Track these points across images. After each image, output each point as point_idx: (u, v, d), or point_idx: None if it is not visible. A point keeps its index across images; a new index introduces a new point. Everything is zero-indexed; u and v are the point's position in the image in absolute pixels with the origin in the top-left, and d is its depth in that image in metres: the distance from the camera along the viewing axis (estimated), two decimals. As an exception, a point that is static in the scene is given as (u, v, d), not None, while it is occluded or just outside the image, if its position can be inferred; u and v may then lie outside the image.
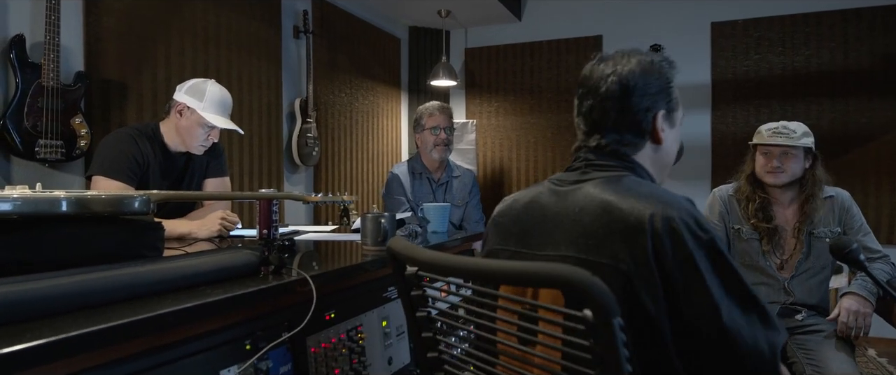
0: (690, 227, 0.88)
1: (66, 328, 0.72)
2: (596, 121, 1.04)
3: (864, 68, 3.54)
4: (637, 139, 1.04)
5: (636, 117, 1.02)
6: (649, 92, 1.02)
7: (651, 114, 1.03)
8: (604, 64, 1.05)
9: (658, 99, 1.03)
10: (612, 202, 0.92)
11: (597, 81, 1.03)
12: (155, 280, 0.92)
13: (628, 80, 1.01)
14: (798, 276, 1.83)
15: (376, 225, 1.48)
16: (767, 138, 1.81)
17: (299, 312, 1.11)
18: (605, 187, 0.96)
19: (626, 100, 1.01)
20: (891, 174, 3.50)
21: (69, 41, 2.17)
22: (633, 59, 1.04)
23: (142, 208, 1.20)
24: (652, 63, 1.05)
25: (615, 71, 1.02)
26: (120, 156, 1.82)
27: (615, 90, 1.01)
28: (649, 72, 1.03)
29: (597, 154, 1.04)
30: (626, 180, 0.98)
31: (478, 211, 3.04)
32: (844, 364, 1.63)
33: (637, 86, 1.01)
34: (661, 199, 0.91)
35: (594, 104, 1.03)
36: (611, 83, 1.01)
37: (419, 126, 2.92)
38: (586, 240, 0.93)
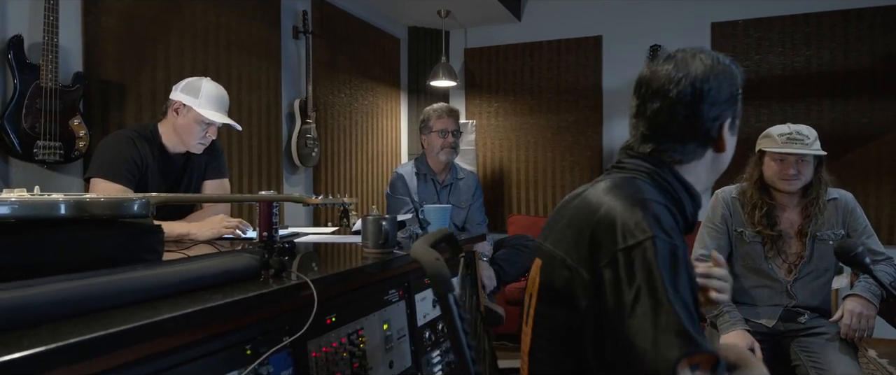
0: (628, 226, 0.84)
1: (67, 334, 0.71)
2: (660, 126, 0.98)
3: (865, 68, 3.54)
4: (699, 148, 0.98)
5: (704, 126, 0.97)
6: (720, 99, 0.96)
7: (718, 123, 0.97)
8: (670, 64, 0.98)
9: (727, 107, 0.97)
10: (588, 198, 0.96)
11: (665, 83, 0.96)
12: (157, 284, 0.91)
13: (702, 85, 0.94)
14: (801, 279, 1.82)
15: (377, 227, 1.47)
16: (782, 145, 1.76)
17: (300, 316, 1.10)
18: (605, 185, 0.98)
19: (696, 106, 0.95)
20: (891, 174, 3.49)
21: (68, 42, 2.16)
22: (706, 61, 0.96)
23: (141, 211, 1.19)
24: (724, 66, 0.98)
25: (687, 73, 0.95)
26: (119, 158, 1.81)
27: (687, 95, 0.95)
28: (721, 76, 0.96)
29: (630, 155, 1.03)
30: (629, 182, 0.97)
31: (481, 213, 3.03)
32: (848, 366, 1.63)
33: (710, 92, 0.95)
34: (626, 199, 0.89)
35: (662, 107, 0.97)
36: (683, 86, 0.95)
37: (426, 127, 2.91)
38: (559, 234, 0.98)
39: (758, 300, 1.86)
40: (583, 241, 0.91)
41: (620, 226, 0.85)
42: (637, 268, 0.82)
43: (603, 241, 0.87)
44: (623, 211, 0.87)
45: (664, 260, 0.81)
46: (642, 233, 0.83)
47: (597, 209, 0.91)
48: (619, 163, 1.04)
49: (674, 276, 0.81)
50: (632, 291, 0.81)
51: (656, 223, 0.85)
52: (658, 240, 0.83)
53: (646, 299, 0.80)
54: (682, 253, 0.85)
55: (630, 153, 1.03)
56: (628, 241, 0.84)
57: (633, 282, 0.81)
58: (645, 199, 0.89)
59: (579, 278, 0.90)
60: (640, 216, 0.85)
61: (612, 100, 4.17)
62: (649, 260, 0.81)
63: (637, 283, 0.81)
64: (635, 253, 0.82)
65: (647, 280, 0.80)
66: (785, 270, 1.84)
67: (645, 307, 0.79)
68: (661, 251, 0.82)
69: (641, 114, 1.01)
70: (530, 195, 4.37)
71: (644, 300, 0.80)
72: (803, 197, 1.81)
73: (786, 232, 1.83)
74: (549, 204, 4.32)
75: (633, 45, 4.05)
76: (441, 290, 0.85)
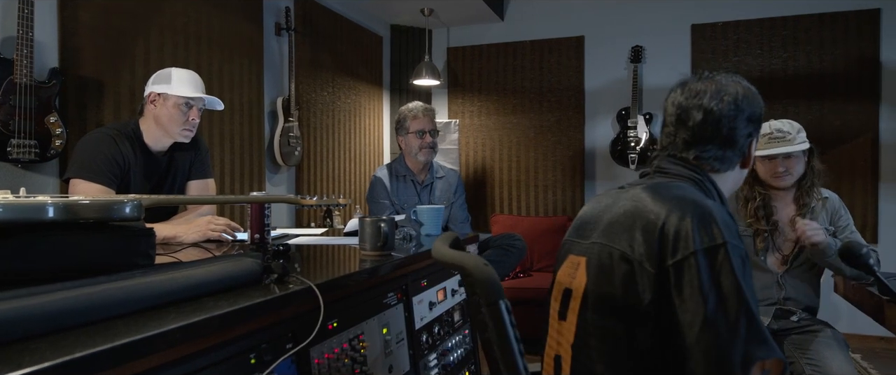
0: (701, 230, 0.90)
1: (71, 348, 0.66)
2: (705, 136, 1.07)
3: (839, 71, 3.63)
4: (736, 157, 1.09)
5: (740, 140, 1.08)
6: (753, 117, 1.09)
7: (750, 140, 1.10)
8: (710, 83, 1.09)
9: (755, 127, 1.10)
10: (645, 199, 1.00)
11: (710, 98, 1.07)
12: (160, 292, 0.86)
13: (742, 104, 1.07)
14: (792, 270, 1.85)
15: (376, 229, 1.44)
16: (765, 146, 1.79)
17: (303, 322, 1.07)
18: (652, 188, 1.02)
19: (737, 121, 1.06)
20: (864, 175, 3.59)
21: (43, 36, 2.07)
22: (743, 83, 1.10)
23: (133, 213, 1.14)
24: (754, 92, 1.11)
25: (729, 92, 1.07)
26: (100, 157, 1.74)
27: (732, 110, 1.06)
28: (754, 99, 1.09)
29: (672, 161, 1.09)
30: (674, 185, 1.03)
31: (463, 212, 3.01)
32: (843, 363, 1.66)
33: (745, 111, 1.07)
34: (687, 203, 0.95)
35: (707, 119, 1.07)
36: (728, 103, 1.06)
37: (403, 129, 2.86)
38: (612, 229, 1.02)
39: None
40: (648, 239, 0.94)
41: (693, 228, 0.90)
42: (717, 271, 0.87)
43: (673, 241, 0.91)
44: (691, 213, 0.92)
45: (738, 265, 0.88)
46: (717, 238, 0.89)
47: (658, 210, 0.96)
48: (660, 167, 1.10)
49: (747, 280, 0.88)
50: (712, 294, 0.86)
51: (727, 228, 0.91)
52: (731, 246, 0.89)
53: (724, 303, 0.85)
54: (747, 256, 0.92)
55: (672, 159, 1.10)
56: (705, 244, 0.89)
57: (712, 285, 0.86)
58: (706, 202, 0.96)
59: (643, 272, 0.93)
60: (709, 219, 0.91)
61: (594, 101, 4.19)
62: (728, 264, 0.87)
63: (715, 286, 0.86)
64: (713, 257, 0.88)
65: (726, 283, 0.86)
66: (778, 262, 1.86)
67: (725, 310, 0.85)
68: (735, 256, 0.88)
69: (682, 125, 1.09)
70: (513, 194, 4.37)
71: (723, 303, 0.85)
72: (798, 189, 1.85)
73: (781, 225, 1.85)
74: (531, 203, 4.33)
75: (615, 46, 4.08)
76: (493, 297, 0.82)
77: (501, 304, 0.83)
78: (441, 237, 1.03)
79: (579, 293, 1.03)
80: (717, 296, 0.86)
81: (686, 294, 0.87)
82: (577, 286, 1.04)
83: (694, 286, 0.87)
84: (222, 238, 1.73)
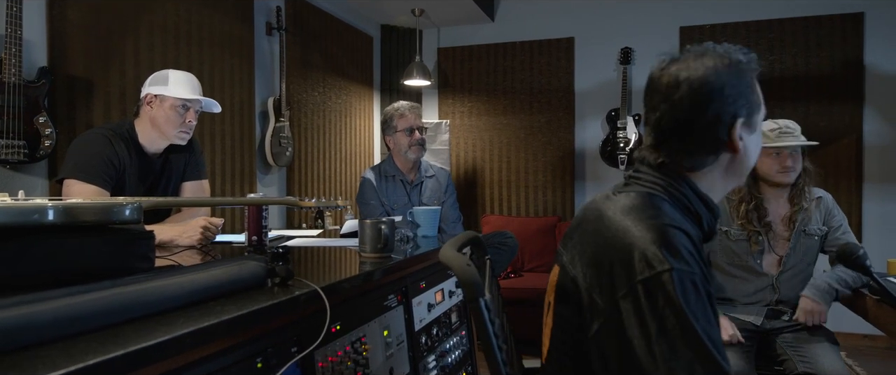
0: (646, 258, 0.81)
1: (82, 355, 0.65)
2: (664, 133, 0.94)
3: (824, 74, 3.70)
4: (708, 155, 0.94)
5: (711, 131, 0.92)
6: (726, 100, 0.90)
7: (727, 125, 0.92)
8: (674, 65, 0.93)
9: (737, 106, 0.91)
10: (608, 218, 0.91)
11: (667, 88, 0.92)
12: (167, 296, 0.85)
13: (703, 88, 0.90)
14: (785, 273, 1.87)
15: (377, 231, 1.44)
16: (776, 139, 1.79)
17: (308, 325, 1.06)
18: (624, 204, 0.93)
19: (699, 110, 0.90)
20: (848, 176, 3.66)
21: (32, 35, 2.04)
22: (708, 61, 0.91)
23: (133, 216, 1.13)
24: (729, 63, 0.92)
25: (688, 76, 0.90)
26: (95, 157, 1.71)
27: (686, 100, 0.90)
28: (726, 75, 0.91)
29: (643, 166, 0.99)
30: (648, 201, 0.92)
31: (455, 210, 3.00)
32: (835, 361, 1.69)
33: (712, 94, 0.90)
34: (644, 229, 0.85)
35: (663, 114, 0.93)
36: (683, 91, 0.90)
37: (390, 128, 2.84)
38: (576, 248, 0.95)
39: (742, 291, 1.90)
40: (599, 266, 0.87)
41: (637, 256, 0.82)
42: (658, 301, 0.79)
43: (619, 270, 0.83)
44: (639, 238, 0.84)
45: (684, 292, 0.79)
46: (661, 265, 0.80)
47: (613, 234, 0.88)
48: (636, 174, 1.00)
49: (695, 307, 0.79)
50: (653, 325, 0.78)
51: (675, 253, 0.81)
52: (676, 272, 0.79)
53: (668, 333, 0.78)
54: (700, 280, 0.82)
55: (643, 163, 0.99)
56: (646, 273, 0.80)
57: (654, 316, 0.79)
58: (663, 225, 0.85)
59: (591, 302, 0.87)
60: (656, 245, 0.82)
61: (584, 102, 4.22)
62: (669, 293, 0.78)
63: (658, 316, 0.78)
64: (655, 286, 0.79)
65: (668, 313, 0.78)
66: (773, 265, 1.89)
67: (667, 340, 0.77)
68: (681, 281, 0.79)
69: (649, 122, 0.98)
70: (504, 195, 4.39)
71: (666, 334, 0.78)
72: (793, 188, 1.87)
73: (774, 225, 1.88)
74: (522, 204, 4.34)
75: (605, 48, 4.11)
76: (472, 295, 0.83)
77: (481, 302, 0.84)
78: (454, 238, 1.04)
79: (552, 308, 1.00)
80: (662, 326, 0.77)
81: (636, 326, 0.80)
82: (552, 300, 1.01)
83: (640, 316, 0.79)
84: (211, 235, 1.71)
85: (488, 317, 0.84)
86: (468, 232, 1.16)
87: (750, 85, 0.95)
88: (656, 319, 0.78)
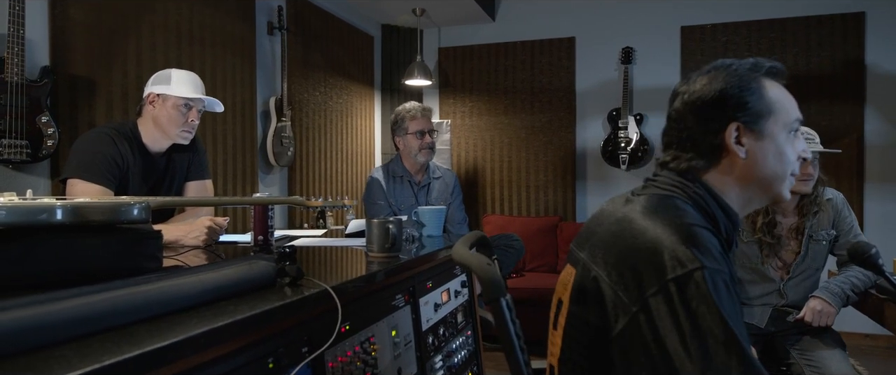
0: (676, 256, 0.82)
1: (97, 355, 0.65)
2: (667, 140, 1.03)
3: (826, 73, 3.70)
4: (703, 160, 0.98)
5: (704, 138, 0.97)
6: (716, 107, 0.95)
7: (720, 132, 0.96)
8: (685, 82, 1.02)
9: (731, 113, 0.95)
10: (633, 219, 0.92)
11: (672, 100, 1.02)
12: (179, 296, 0.84)
13: (694, 99, 0.97)
14: (794, 278, 1.87)
15: (384, 231, 1.43)
16: None
17: (318, 325, 1.05)
18: (644, 205, 0.95)
19: (689, 120, 0.98)
20: (849, 175, 3.66)
21: (34, 34, 2.03)
22: (711, 74, 0.98)
23: (141, 216, 1.12)
24: (728, 73, 0.97)
25: (687, 89, 0.99)
26: (98, 157, 1.70)
27: (680, 110, 0.99)
28: (720, 85, 0.96)
29: (661, 169, 1.04)
30: (665, 203, 0.95)
31: (461, 212, 3.01)
32: (841, 363, 1.68)
33: (702, 105, 0.96)
34: (669, 227, 0.87)
35: (669, 123, 1.03)
36: (678, 103, 1.00)
37: (401, 129, 2.86)
38: (598, 247, 0.96)
39: (750, 293, 1.90)
40: (625, 265, 0.88)
41: (667, 255, 0.83)
42: (691, 299, 0.79)
43: (648, 268, 0.84)
44: (668, 237, 0.85)
45: (717, 290, 0.80)
46: (692, 263, 0.81)
47: (641, 234, 0.89)
48: (654, 177, 1.04)
49: (727, 305, 0.80)
50: (686, 323, 0.79)
51: (705, 251, 0.83)
52: (707, 270, 0.81)
53: (702, 331, 0.78)
54: (729, 280, 0.83)
55: (662, 166, 1.04)
56: (678, 271, 0.81)
57: (687, 313, 0.79)
58: (687, 224, 0.88)
59: (617, 300, 0.87)
60: (687, 243, 0.83)
61: (585, 101, 4.22)
62: (702, 291, 0.79)
63: (691, 314, 0.79)
64: (687, 284, 0.80)
65: (702, 311, 0.79)
66: (781, 271, 1.88)
67: (701, 339, 0.78)
68: (713, 280, 0.80)
69: (668, 128, 1.05)
70: (505, 194, 4.38)
71: (700, 331, 0.78)
72: (803, 197, 1.85)
73: (783, 236, 1.86)
74: (523, 203, 4.34)
75: (606, 47, 4.11)
76: (494, 295, 0.82)
77: (502, 302, 0.84)
78: (463, 237, 1.03)
79: (566, 308, 1.00)
80: (695, 325, 0.78)
81: (669, 325, 0.80)
82: (566, 299, 1.01)
83: (673, 314, 0.80)
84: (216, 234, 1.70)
85: (510, 317, 0.83)
86: (475, 231, 1.16)
87: (754, 90, 0.96)
88: (690, 317, 0.79)
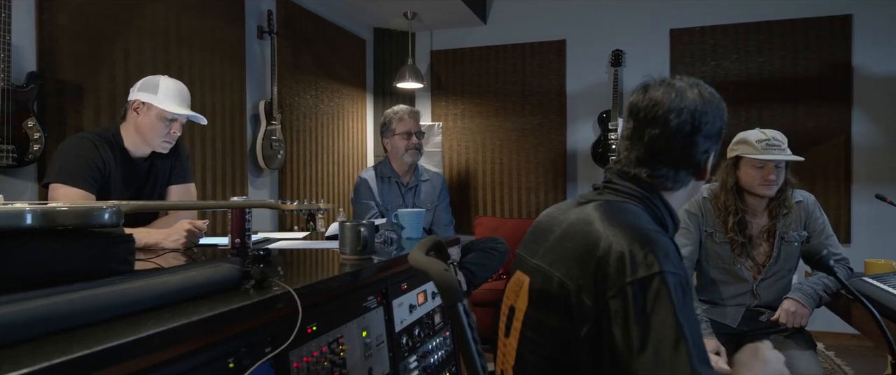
0: (637, 259, 0.85)
1: (50, 353, 0.68)
2: (658, 153, 1.01)
3: (813, 75, 3.72)
4: (689, 176, 1.03)
5: (697, 157, 1.01)
6: (712, 131, 1.01)
7: (707, 156, 1.03)
8: (670, 91, 1.01)
9: (717, 139, 1.03)
10: (592, 223, 0.95)
11: (666, 111, 1.00)
12: (139, 298, 0.87)
13: (701, 117, 0.99)
14: (766, 279, 1.89)
15: (356, 233, 1.46)
16: (763, 151, 1.78)
17: (283, 326, 1.08)
18: (602, 209, 0.97)
19: (694, 137, 1.00)
20: (837, 177, 3.68)
21: (20, 40, 2.06)
22: (704, 93, 1.02)
23: (112, 220, 1.15)
24: (716, 101, 1.03)
25: (687, 105, 0.99)
26: (80, 162, 1.74)
27: (687, 126, 0.99)
28: (714, 111, 1.01)
29: (623, 177, 1.03)
30: (623, 208, 0.98)
31: (447, 215, 3.04)
32: (809, 363, 1.71)
33: (704, 126, 1.00)
34: (629, 231, 0.89)
35: (661, 135, 1.00)
36: (684, 117, 0.99)
37: (389, 130, 2.90)
38: (555, 251, 0.98)
39: (723, 294, 1.92)
40: (586, 268, 0.90)
41: (628, 258, 0.85)
42: (649, 302, 0.82)
43: (610, 272, 0.86)
44: (630, 242, 0.88)
45: (675, 293, 0.83)
46: (652, 267, 0.84)
47: (600, 238, 0.91)
48: (610, 183, 1.05)
49: (684, 308, 0.82)
50: (642, 325, 0.81)
51: (665, 256, 0.86)
52: (668, 274, 0.84)
53: (658, 333, 0.80)
54: (686, 283, 0.86)
55: (624, 175, 1.04)
56: (639, 274, 0.84)
57: (644, 316, 0.82)
58: (648, 230, 0.90)
59: (581, 303, 0.90)
60: (648, 248, 0.86)
61: (576, 104, 4.25)
62: (661, 294, 0.82)
63: (648, 317, 0.81)
64: (647, 287, 0.83)
65: (659, 313, 0.81)
66: (753, 271, 1.90)
67: (657, 340, 0.80)
68: (672, 284, 0.83)
69: (638, 138, 1.03)
70: (496, 196, 4.41)
71: (656, 334, 0.80)
72: (772, 200, 1.87)
73: (755, 236, 1.89)
74: (514, 205, 4.37)
75: (596, 50, 4.14)
76: (451, 300, 0.85)
77: (459, 307, 0.86)
78: (420, 242, 1.06)
79: (521, 314, 1.01)
80: (648, 326, 0.81)
81: (622, 325, 0.83)
82: (519, 306, 1.02)
83: (630, 316, 0.82)
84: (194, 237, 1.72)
85: (467, 321, 0.86)
86: (432, 237, 1.18)
87: (725, 126, 1.05)
88: (646, 319, 0.82)
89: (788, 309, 1.79)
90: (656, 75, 1.08)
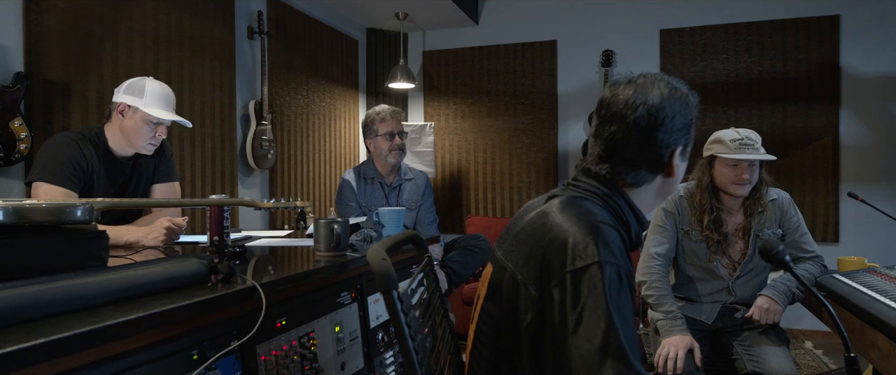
0: (577, 249, 0.87)
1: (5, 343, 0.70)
2: (615, 149, 1.01)
3: (802, 75, 3.74)
4: (650, 174, 1.02)
5: (657, 153, 1.00)
6: (674, 127, 0.99)
7: (670, 151, 1.01)
8: (631, 88, 1.00)
9: (680, 135, 1.01)
10: (548, 217, 0.97)
11: (624, 107, 0.99)
12: (97, 292, 0.90)
13: (657, 112, 0.97)
14: (742, 277, 1.92)
15: (329, 230, 1.48)
16: (736, 151, 1.80)
17: (249, 320, 1.11)
18: (560, 204, 0.99)
19: (651, 133, 0.98)
20: (825, 176, 3.70)
21: (7, 39, 2.09)
22: (664, 89, 1.00)
23: (85, 217, 1.18)
24: (681, 94, 1.01)
25: (646, 101, 0.98)
26: (62, 160, 1.76)
27: (643, 121, 0.98)
28: (677, 105, 1.00)
29: (586, 174, 1.05)
30: (578, 203, 0.99)
31: (431, 213, 3.05)
32: (782, 358, 1.73)
33: (664, 120, 0.98)
34: (577, 223, 0.91)
35: (617, 130, 0.99)
36: (640, 112, 0.98)
37: (371, 131, 2.91)
38: (513, 244, 1.01)
39: (700, 291, 1.95)
40: (534, 259, 0.93)
41: (570, 248, 0.88)
42: (583, 290, 0.84)
43: (553, 262, 0.89)
44: (574, 233, 0.89)
45: (610, 284, 0.84)
46: (591, 257, 0.86)
47: (550, 229, 0.93)
48: (574, 180, 1.06)
49: (618, 299, 0.84)
50: (576, 312, 0.84)
51: (605, 246, 0.87)
52: (605, 264, 0.85)
53: (589, 320, 0.83)
54: (625, 274, 0.88)
55: (586, 172, 1.05)
56: (577, 264, 0.86)
57: (578, 304, 0.84)
58: (595, 222, 0.91)
59: (527, 293, 0.92)
60: (589, 239, 0.88)
61: (567, 104, 4.27)
62: (595, 283, 0.84)
63: (581, 305, 0.84)
64: (583, 276, 0.85)
65: (592, 302, 0.83)
66: (729, 269, 1.93)
67: (587, 328, 0.82)
68: (608, 274, 0.85)
69: (599, 135, 1.03)
70: (488, 196, 4.43)
71: (587, 321, 0.83)
72: (747, 198, 1.89)
73: (730, 234, 1.91)
74: (506, 205, 4.39)
75: (586, 50, 4.16)
76: (384, 287, 0.88)
77: (393, 294, 0.88)
78: (387, 238, 1.09)
79: (479, 304, 1.05)
80: (581, 313, 0.83)
81: (559, 313, 0.86)
82: (480, 294, 1.06)
83: (567, 304, 0.85)
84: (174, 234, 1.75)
85: (400, 309, 0.88)
86: (409, 231, 1.21)
87: (693, 121, 1.04)
88: (580, 307, 0.84)
89: (762, 306, 1.81)
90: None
